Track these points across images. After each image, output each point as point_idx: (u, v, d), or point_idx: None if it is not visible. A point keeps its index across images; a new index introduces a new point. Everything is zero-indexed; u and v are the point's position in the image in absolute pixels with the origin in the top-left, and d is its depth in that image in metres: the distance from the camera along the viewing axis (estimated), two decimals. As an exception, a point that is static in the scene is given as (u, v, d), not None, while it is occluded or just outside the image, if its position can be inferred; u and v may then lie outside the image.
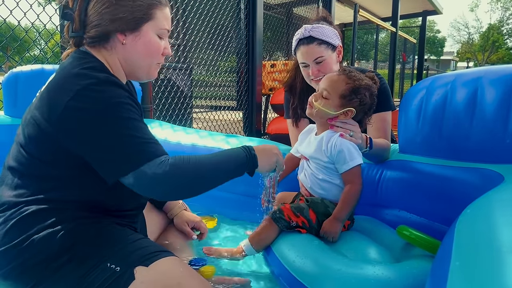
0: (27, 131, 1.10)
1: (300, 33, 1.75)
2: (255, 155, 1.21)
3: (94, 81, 1.04)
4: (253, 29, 3.61)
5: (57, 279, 1.01)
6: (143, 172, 1.02)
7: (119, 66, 1.20)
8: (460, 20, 49.79)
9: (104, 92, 1.04)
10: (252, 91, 3.70)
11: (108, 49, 1.17)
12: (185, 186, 1.08)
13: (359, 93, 1.39)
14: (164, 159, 1.05)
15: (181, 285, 1.03)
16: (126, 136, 1.03)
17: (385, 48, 11.25)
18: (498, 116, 1.32)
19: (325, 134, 1.43)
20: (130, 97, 1.09)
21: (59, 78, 1.10)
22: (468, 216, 0.88)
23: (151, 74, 1.25)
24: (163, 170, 1.02)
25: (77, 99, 1.02)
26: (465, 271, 0.63)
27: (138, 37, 1.17)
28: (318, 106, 1.41)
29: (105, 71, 1.12)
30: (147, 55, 1.20)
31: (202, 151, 2.11)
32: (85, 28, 1.16)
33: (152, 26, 1.18)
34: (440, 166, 1.46)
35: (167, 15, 1.22)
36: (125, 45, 1.17)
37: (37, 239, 1.02)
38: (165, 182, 1.04)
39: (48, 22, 2.49)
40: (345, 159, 1.37)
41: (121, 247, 1.06)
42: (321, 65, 1.73)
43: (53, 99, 1.05)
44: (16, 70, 2.16)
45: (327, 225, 1.36)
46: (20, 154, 1.10)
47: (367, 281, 1.08)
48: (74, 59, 1.14)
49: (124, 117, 1.04)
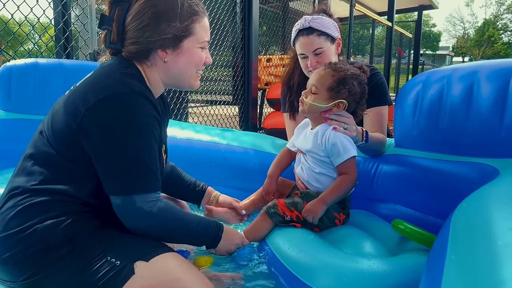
0: (52, 121, 1.11)
1: (300, 23, 1.73)
2: (220, 237, 1.27)
3: (127, 90, 1.05)
4: (249, 23, 3.59)
5: (56, 269, 1.02)
6: (133, 201, 1.06)
7: (158, 80, 1.21)
8: (456, 14, 49.88)
9: (133, 104, 1.05)
10: (248, 85, 3.69)
11: (148, 65, 1.17)
12: (158, 232, 1.13)
13: (347, 83, 1.39)
14: (157, 198, 1.09)
15: (181, 280, 1.04)
16: (134, 158, 1.06)
17: (381, 42, 11.25)
18: (494, 110, 1.33)
19: (320, 128, 1.43)
20: (157, 116, 1.11)
21: (96, 77, 1.11)
22: (463, 210, 0.88)
23: (192, 84, 1.26)
24: (150, 209, 1.07)
25: (106, 103, 1.03)
26: (461, 264, 0.63)
27: (180, 54, 1.17)
28: (308, 101, 1.42)
29: (142, 83, 1.13)
30: (188, 68, 1.21)
31: (197, 146, 2.10)
32: (123, 42, 1.15)
33: (193, 41, 1.18)
34: (435, 160, 1.46)
35: (206, 26, 1.22)
36: (167, 62, 1.17)
37: (39, 228, 1.02)
38: (146, 220, 1.08)
39: (42, 15, 2.47)
40: (339, 152, 1.37)
41: (121, 242, 1.08)
42: (320, 57, 1.72)
43: (84, 97, 1.06)
44: (10, 64, 2.14)
45: (309, 205, 1.36)
46: (41, 141, 1.12)
47: (362, 275, 1.08)
48: (116, 62, 1.15)
49: (141, 136, 1.06)
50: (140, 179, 1.06)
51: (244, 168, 1.98)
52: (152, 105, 1.10)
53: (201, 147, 2.10)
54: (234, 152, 2.03)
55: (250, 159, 1.98)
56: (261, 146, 2.01)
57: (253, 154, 1.99)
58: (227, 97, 4.17)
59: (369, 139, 1.51)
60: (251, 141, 2.06)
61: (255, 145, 2.03)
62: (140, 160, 1.06)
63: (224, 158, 2.03)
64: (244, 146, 2.04)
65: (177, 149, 2.14)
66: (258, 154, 1.97)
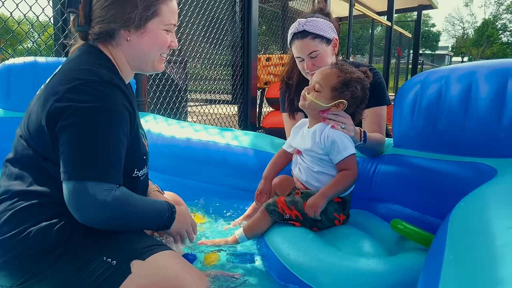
0: (27, 123, 1.09)
1: (294, 27, 1.74)
2: (173, 219, 1.19)
3: (96, 79, 1.04)
4: (249, 22, 3.58)
5: (53, 271, 1.01)
6: (85, 187, 0.99)
7: (124, 62, 1.19)
8: (455, 14, 49.85)
9: (102, 92, 1.03)
10: (247, 85, 3.69)
11: (113, 45, 1.16)
12: (112, 225, 1.06)
13: (351, 86, 1.40)
14: (112, 189, 1.02)
15: (178, 278, 1.03)
16: (94, 143, 1.01)
17: (380, 42, 11.25)
18: (492, 111, 1.33)
19: (318, 127, 1.44)
20: (128, 106, 1.08)
21: (64, 71, 1.09)
22: (461, 210, 0.88)
23: (156, 67, 1.24)
24: (104, 198, 1.00)
25: (75, 91, 1.01)
26: (459, 264, 0.63)
27: (143, 34, 1.15)
28: (310, 98, 1.43)
29: (111, 69, 1.12)
30: (152, 49, 1.19)
31: (196, 145, 2.10)
32: (90, 23, 1.14)
33: (158, 22, 1.16)
34: (434, 160, 1.47)
35: (173, 8, 1.20)
36: (130, 41, 1.15)
37: (34, 231, 1.01)
38: (99, 210, 1.01)
39: (41, 14, 2.47)
40: (339, 149, 1.38)
41: (118, 241, 1.06)
42: (316, 59, 1.72)
43: (53, 90, 1.04)
44: (9, 63, 2.13)
45: (311, 200, 1.36)
46: (21, 145, 1.10)
47: (361, 274, 1.09)
48: (81, 53, 1.14)
49: (108, 124, 1.03)
50: (97, 166, 1.00)
51: (243, 168, 1.98)
52: (123, 94, 1.08)
53: (200, 147, 2.10)
54: (233, 151, 2.03)
55: (249, 159, 1.98)
56: (260, 145, 2.01)
57: (252, 153, 1.99)
58: (227, 96, 4.16)
59: (367, 140, 1.51)
60: (251, 140, 2.06)
61: (254, 144, 2.03)
62: (102, 147, 1.01)
63: (223, 157, 2.03)
64: (243, 145, 2.04)
65: (176, 148, 2.14)
66: (257, 153, 1.97)
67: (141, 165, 1.21)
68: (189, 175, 2.13)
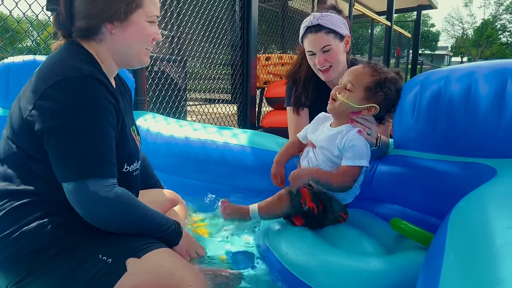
0: (12, 122, 1.08)
1: (309, 20, 1.72)
2: (181, 233, 1.18)
3: (77, 75, 1.02)
4: (248, 21, 3.58)
5: (48, 270, 1.00)
6: (85, 186, 1.00)
7: (108, 57, 1.17)
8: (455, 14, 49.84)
9: (84, 87, 1.02)
10: (247, 84, 3.68)
11: (97, 41, 1.15)
12: (118, 222, 1.06)
13: (385, 86, 1.34)
14: (113, 184, 1.03)
15: (174, 275, 1.03)
16: (85, 141, 1.01)
17: (380, 42, 11.25)
18: (492, 111, 1.33)
19: (345, 128, 1.37)
20: (111, 99, 1.07)
21: (44, 69, 1.08)
22: (461, 210, 0.88)
23: (142, 61, 1.23)
24: (106, 194, 1.01)
25: (55, 88, 1.00)
26: (459, 263, 0.63)
27: (127, 26, 1.14)
28: (341, 98, 1.35)
29: (93, 65, 1.10)
30: (137, 42, 1.18)
31: (195, 144, 2.10)
32: (72, 20, 1.13)
33: (141, 14, 1.15)
34: (434, 161, 1.47)
35: (155, 0, 1.20)
36: (114, 35, 1.14)
37: (27, 230, 1.00)
38: (102, 206, 1.01)
39: (40, 12, 2.46)
40: (354, 155, 1.32)
41: (112, 239, 1.06)
42: (328, 54, 1.70)
43: (34, 88, 1.03)
44: (8, 61, 2.13)
45: (299, 171, 1.35)
46: (8, 145, 1.09)
47: (360, 273, 1.09)
48: (62, 50, 1.12)
49: (94, 120, 1.02)
50: (93, 164, 1.01)
51: (243, 166, 1.98)
52: (106, 87, 1.07)
53: (199, 146, 2.09)
54: (232, 150, 2.03)
55: (248, 157, 1.98)
56: (260, 143, 2.00)
57: (251, 152, 1.99)
58: (226, 95, 4.16)
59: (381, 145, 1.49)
60: (250, 139, 2.06)
61: (254, 143, 2.02)
62: (93, 144, 1.01)
63: (222, 156, 2.03)
64: (242, 144, 2.03)
65: (175, 147, 2.14)
66: (257, 152, 1.97)
67: (131, 160, 1.20)
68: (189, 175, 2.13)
